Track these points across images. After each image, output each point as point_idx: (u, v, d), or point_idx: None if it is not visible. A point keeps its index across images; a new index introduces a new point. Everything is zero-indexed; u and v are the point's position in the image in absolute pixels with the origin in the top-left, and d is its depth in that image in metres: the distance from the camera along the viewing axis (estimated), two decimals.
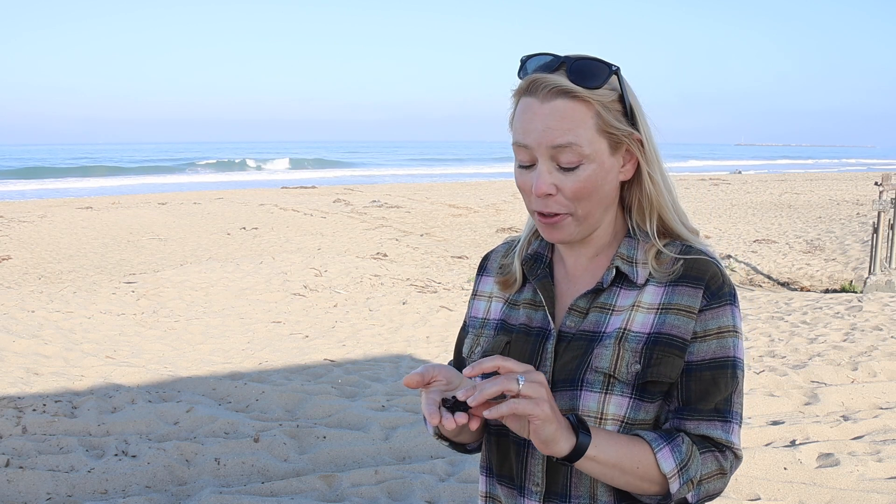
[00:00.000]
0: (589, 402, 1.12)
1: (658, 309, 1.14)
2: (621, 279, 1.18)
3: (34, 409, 4.81)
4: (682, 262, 1.16)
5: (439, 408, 1.05)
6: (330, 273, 10.44)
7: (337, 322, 8.26)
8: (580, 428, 1.05)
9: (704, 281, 1.14)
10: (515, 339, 1.21)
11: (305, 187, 29.84)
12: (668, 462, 1.08)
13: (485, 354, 1.23)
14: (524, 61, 1.16)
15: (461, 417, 1.02)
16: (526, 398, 0.99)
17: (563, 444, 1.03)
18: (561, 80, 1.10)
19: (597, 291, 1.18)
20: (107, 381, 5.60)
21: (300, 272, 10.42)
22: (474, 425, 1.04)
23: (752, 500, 3.63)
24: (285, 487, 3.82)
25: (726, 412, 1.14)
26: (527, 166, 1.15)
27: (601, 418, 1.12)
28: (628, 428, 1.13)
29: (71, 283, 10.33)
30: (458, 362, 1.33)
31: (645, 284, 1.17)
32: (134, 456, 4.15)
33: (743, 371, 1.16)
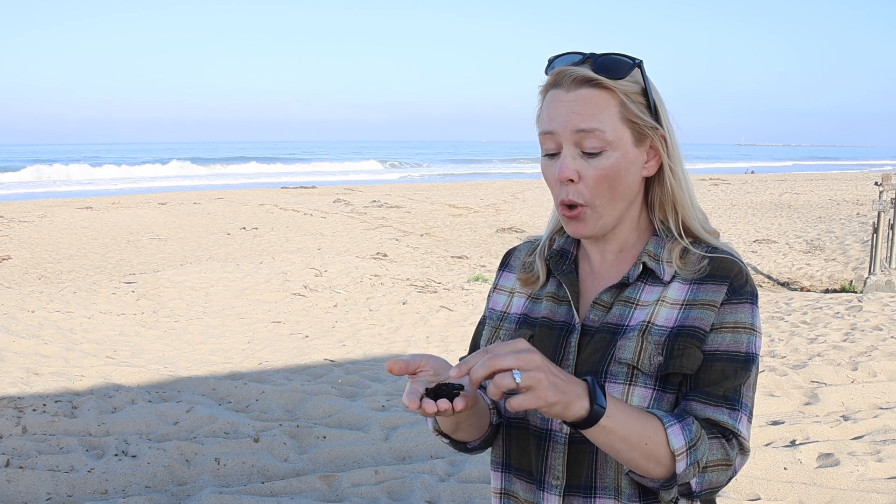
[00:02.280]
0: (613, 393, 1.13)
1: (683, 305, 1.15)
2: (646, 275, 1.20)
3: (34, 409, 4.81)
4: (707, 260, 1.17)
5: (420, 398, 1.03)
6: (330, 273, 10.44)
7: (337, 322, 8.26)
8: (596, 396, 1.00)
9: (729, 279, 1.15)
10: (539, 334, 1.21)
11: (305, 187, 29.84)
12: (678, 439, 1.06)
13: None
14: (551, 60, 1.20)
15: (443, 404, 1.01)
16: (526, 391, 0.95)
17: (574, 412, 0.99)
18: (585, 70, 1.14)
19: (621, 286, 1.20)
20: (107, 381, 5.60)
21: (300, 272, 10.42)
22: (459, 405, 1.03)
23: (752, 500, 3.63)
24: (285, 487, 3.82)
25: (735, 400, 1.12)
26: (552, 155, 1.17)
27: None
28: None
29: (71, 283, 10.33)
30: None
31: (670, 281, 1.18)
32: (134, 456, 4.15)
33: (757, 368, 1.15)
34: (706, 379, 1.13)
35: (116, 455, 4.17)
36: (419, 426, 4.66)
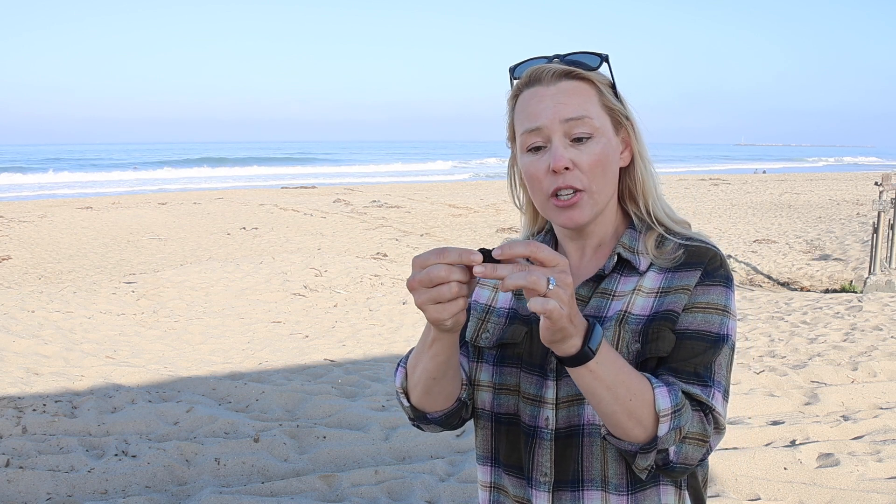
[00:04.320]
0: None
1: (658, 293, 1.16)
2: (622, 267, 1.21)
3: (34, 409, 4.81)
4: (683, 249, 1.19)
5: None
6: (330, 273, 10.44)
7: (337, 322, 8.26)
8: (590, 338, 0.99)
9: (703, 263, 1.17)
10: (535, 330, 1.21)
11: (305, 187, 29.84)
12: (664, 400, 1.04)
13: (503, 343, 1.23)
14: (513, 69, 1.22)
15: (477, 256, 0.95)
16: (553, 299, 0.93)
17: (567, 347, 0.98)
18: (562, 65, 1.17)
19: (598, 279, 1.21)
20: (107, 381, 5.60)
21: (300, 272, 10.42)
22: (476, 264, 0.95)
23: (752, 500, 3.63)
24: (285, 487, 3.82)
25: (706, 377, 1.11)
26: (538, 149, 1.17)
27: None
28: None
29: (71, 283, 10.33)
30: None
31: (646, 271, 1.19)
32: (134, 456, 4.15)
33: (731, 348, 1.14)
34: (676, 356, 1.12)
35: (116, 455, 4.17)
36: None
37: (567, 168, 1.14)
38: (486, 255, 0.98)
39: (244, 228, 17.35)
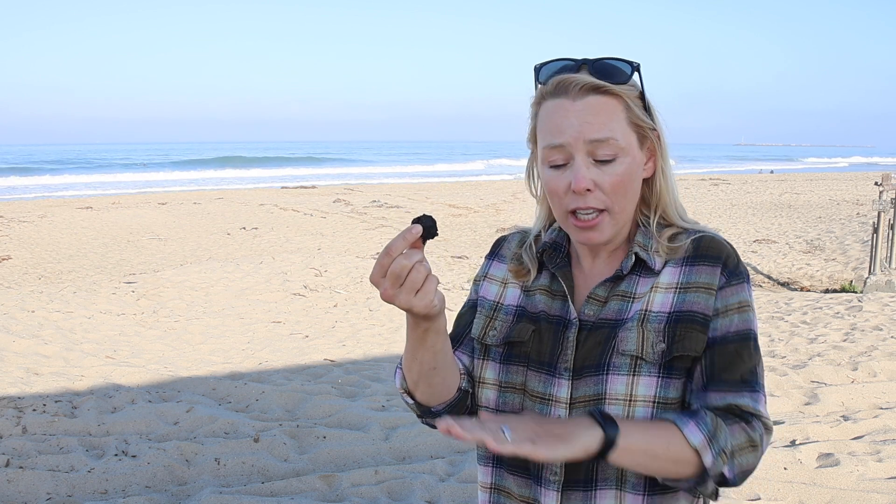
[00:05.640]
0: (616, 385, 1.13)
1: (677, 288, 1.16)
2: (639, 267, 1.19)
3: (34, 409, 4.81)
4: (693, 240, 1.18)
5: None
6: (330, 273, 10.44)
7: (337, 322, 8.26)
8: (605, 424, 1.03)
9: (722, 259, 1.16)
10: (543, 329, 1.21)
11: (305, 187, 29.84)
12: (695, 435, 1.07)
13: (509, 341, 1.23)
14: (539, 68, 1.18)
15: (416, 229, 1.02)
16: (525, 444, 1.00)
17: (587, 445, 1.01)
18: (591, 77, 1.13)
19: (616, 279, 1.19)
20: (107, 381, 5.60)
21: (300, 272, 10.42)
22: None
23: (752, 500, 3.63)
24: (285, 487, 3.82)
25: (753, 383, 1.13)
26: (560, 166, 1.15)
27: (630, 401, 1.12)
28: (660, 407, 1.13)
29: (71, 283, 10.33)
30: (456, 337, 1.32)
31: (662, 269, 1.18)
32: (134, 456, 4.15)
33: (759, 346, 1.18)
34: (721, 364, 1.13)
35: (116, 455, 4.17)
36: (419, 426, 4.66)
37: (589, 190, 1.13)
38: (424, 225, 1.02)
39: (244, 228, 17.35)
